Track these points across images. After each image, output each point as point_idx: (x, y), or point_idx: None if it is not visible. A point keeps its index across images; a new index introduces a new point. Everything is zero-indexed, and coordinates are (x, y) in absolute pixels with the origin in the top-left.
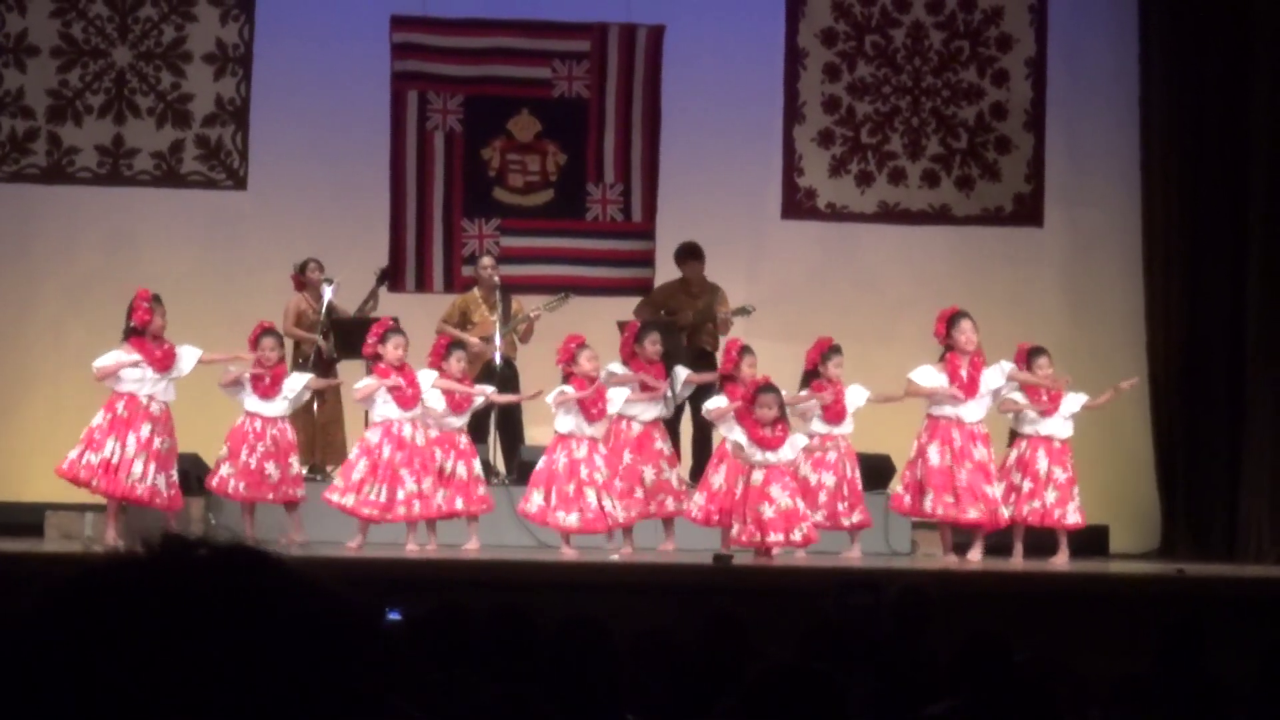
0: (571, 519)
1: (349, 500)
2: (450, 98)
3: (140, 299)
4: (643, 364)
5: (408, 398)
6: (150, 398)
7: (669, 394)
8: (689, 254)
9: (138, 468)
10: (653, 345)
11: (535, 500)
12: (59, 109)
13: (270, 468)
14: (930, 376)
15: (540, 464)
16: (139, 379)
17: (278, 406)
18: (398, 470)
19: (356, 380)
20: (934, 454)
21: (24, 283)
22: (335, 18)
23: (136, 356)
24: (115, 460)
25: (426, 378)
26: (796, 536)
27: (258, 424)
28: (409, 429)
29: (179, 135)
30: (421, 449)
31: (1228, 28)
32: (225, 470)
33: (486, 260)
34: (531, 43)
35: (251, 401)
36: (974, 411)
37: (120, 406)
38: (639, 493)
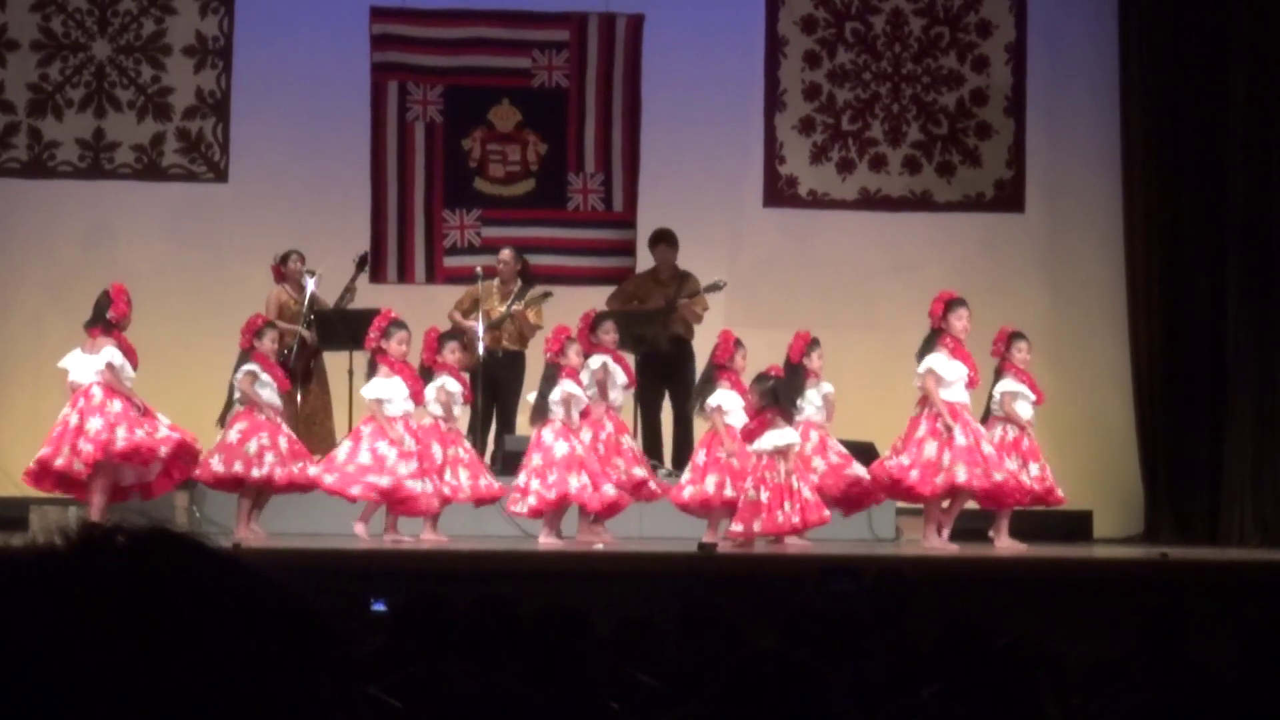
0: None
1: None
2: (430, 88)
3: (120, 292)
4: (606, 352)
5: (418, 393)
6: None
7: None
8: (658, 239)
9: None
10: (606, 335)
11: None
12: (39, 103)
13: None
14: (945, 366)
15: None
16: (132, 378)
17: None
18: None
19: (335, 373)
20: (958, 433)
21: (4, 277)
22: (315, 10)
23: (121, 358)
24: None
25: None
26: (756, 527)
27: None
28: (412, 421)
29: (159, 128)
30: (417, 447)
31: (1206, 13)
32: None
33: (506, 253)
34: (511, 33)
35: (271, 394)
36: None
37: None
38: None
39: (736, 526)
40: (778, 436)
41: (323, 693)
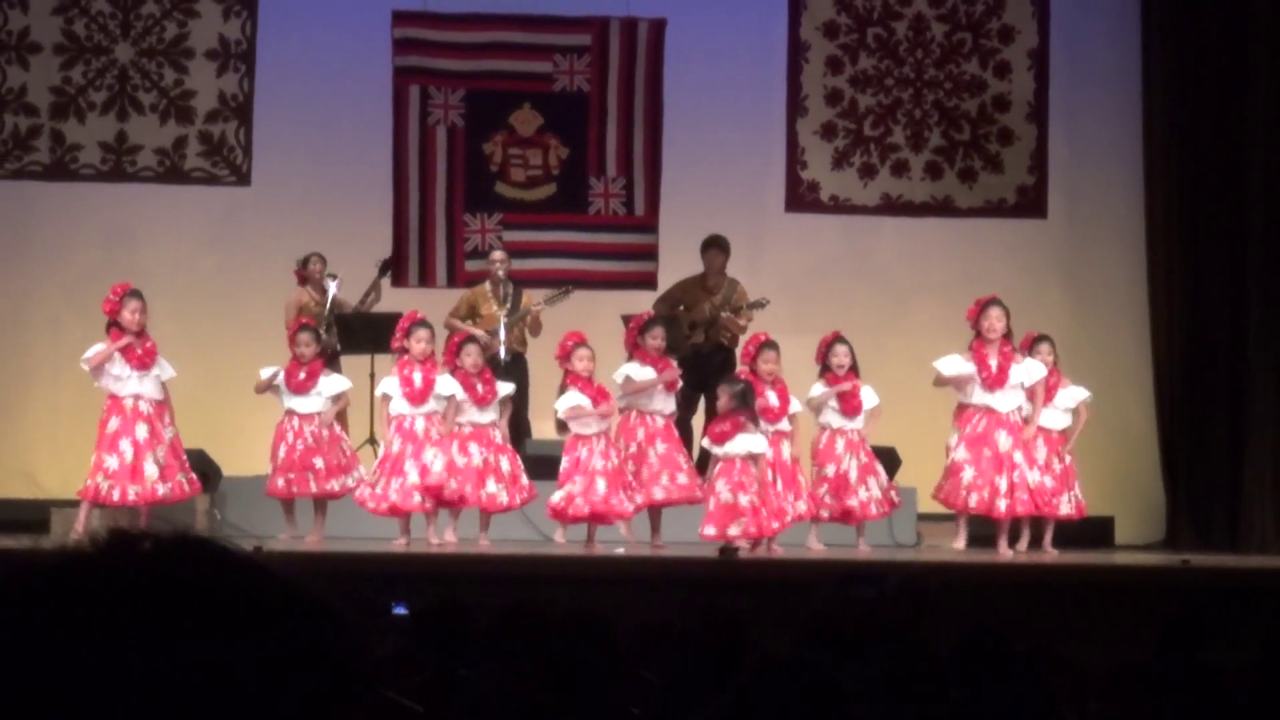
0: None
1: (365, 493)
2: (452, 92)
3: (112, 290)
4: (647, 357)
5: (416, 393)
6: (136, 397)
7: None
8: (708, 245)
9: (150, 470)
10: (654, 340)
11: (559, 497)
12: (62, 106)
13: (318, 463)
14: (955, 364)
15: (566, 464)
16: (118, 376)
17: (313, 402)
18: (402, 463)
19: (356, 376)
20: (955, 443)
21: (26, 280)
22: (337, 13)
23: (116, 348)
24: (121, 468)
25: (446, 384)
26: (734, 531)
27: (295, 421)
28: (421, 423)
29: (182, 131)
30: (435, 443)
31: (1228, 18)
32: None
33: (497, 254)
34: (532, 37)
35: (286, 397)
36: (1005, 401)
37: (110, 417)
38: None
39: (709, 529)
40: (750, 442)
41: (345, 694)
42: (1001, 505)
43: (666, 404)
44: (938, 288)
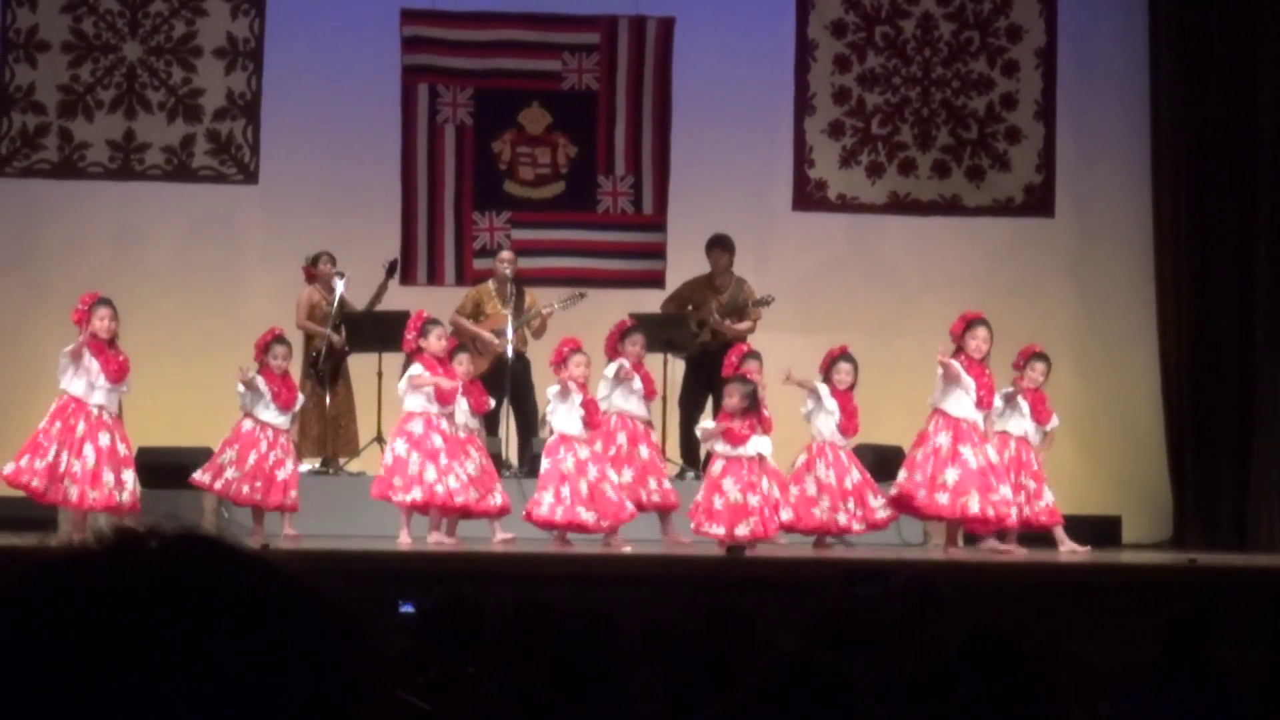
0: (590, 515)
1: (417, 494)
2: (460, 91)
3: (80, 300)
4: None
5: (447, 392)
6: (101, 408)
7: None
8: (713, 244)
9: (107, 476)
10: (633, 346)
11: (546, 501)
12: (70, 104)
13: (280, 475)
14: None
15: (547, 466)
16: (92, 385)
17: (286, 419)
18: (442, 459)
19: (364, 375)
20: (968, 455)
21: (33, 278)
22: (345, 11)
23: (95, 363)
24: (83, 471)
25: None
26: (742, 531)
27: (269, 432)
28: (445, 423)
29: (190, 130)
30: (460, 442)
31: (1236, 17)
32: (231, 473)
33: (505, 254)
34: (541, 35)
35: (268, 413)
36: (980, 419)
37: (79, 422)
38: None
39: (717, 529)
40: (760, 442)
41: (354, 693)
42: (1021, 511)
43: (641, 409)
44: (945, 286)
